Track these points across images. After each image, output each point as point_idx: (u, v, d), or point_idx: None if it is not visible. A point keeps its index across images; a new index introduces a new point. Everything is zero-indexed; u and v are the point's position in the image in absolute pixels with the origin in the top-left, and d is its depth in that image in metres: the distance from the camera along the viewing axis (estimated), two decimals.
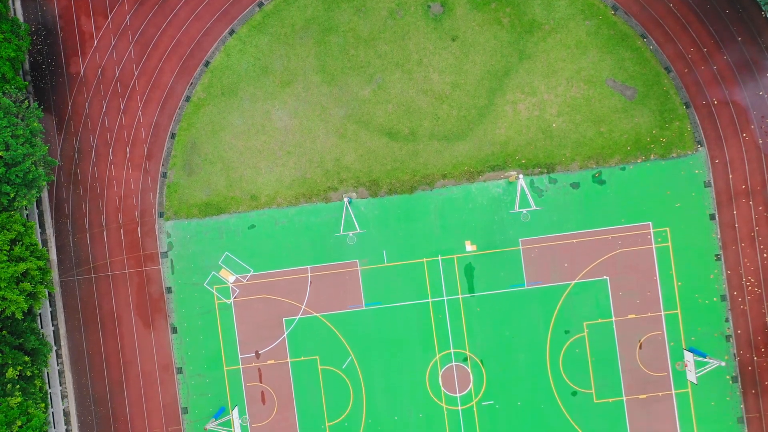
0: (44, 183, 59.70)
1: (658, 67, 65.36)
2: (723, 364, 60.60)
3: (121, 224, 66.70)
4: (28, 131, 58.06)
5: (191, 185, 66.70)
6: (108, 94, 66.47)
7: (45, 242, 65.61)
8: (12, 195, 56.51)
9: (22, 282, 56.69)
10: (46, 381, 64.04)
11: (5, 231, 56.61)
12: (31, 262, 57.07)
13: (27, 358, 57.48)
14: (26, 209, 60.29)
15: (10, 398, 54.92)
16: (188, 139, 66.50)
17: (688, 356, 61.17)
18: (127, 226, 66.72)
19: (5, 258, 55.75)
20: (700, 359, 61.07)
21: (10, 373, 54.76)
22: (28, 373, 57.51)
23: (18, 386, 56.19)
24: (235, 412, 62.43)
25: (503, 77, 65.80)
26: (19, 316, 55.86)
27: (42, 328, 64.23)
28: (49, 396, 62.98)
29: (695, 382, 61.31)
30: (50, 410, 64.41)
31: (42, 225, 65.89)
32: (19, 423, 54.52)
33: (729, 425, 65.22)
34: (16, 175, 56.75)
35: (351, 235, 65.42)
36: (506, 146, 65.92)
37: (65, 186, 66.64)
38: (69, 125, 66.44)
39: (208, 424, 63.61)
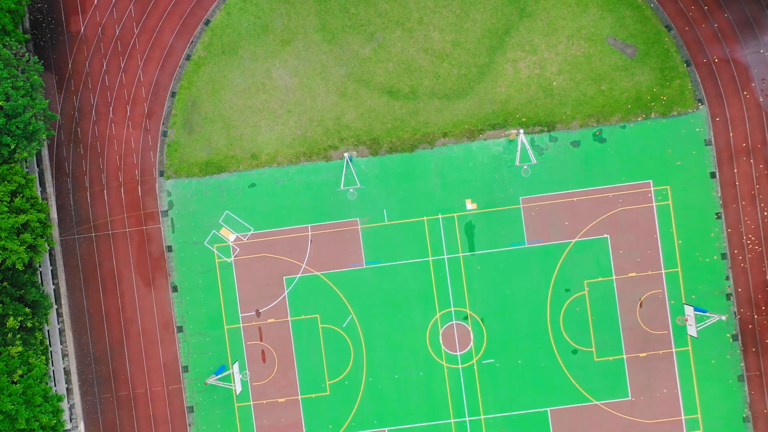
0: (44, 136, 59.66)
1: (658, 25, 65.29)
2: (723, 318, 60.58)
3: (122, 183, 66.69)
4: (28, 84, 58.03)
5: (191, 144, 66.68)
6: (108, 53, 66.43)
7: (45, 201, 65.51)
8: (12, 146, 56.49)
9: (23, 233, 56.64)
10: (47, 336, 64.05)
11: (6, 182, 56.60)
12: (31, 214, 57.05)
13: (28, 310, 57.47)
14: (26, 162, 60.22)
15: (11, 347, 54.92)
16: (188, 97, 66.46)
17: (689, 310, 61.16)
18: (128, 185, 66.71)
19: (5, 209, 55.72)
20: (701, 314, 61.02)
21: (11, 322, 54.74)
22: (29, 325, 57.49)
23: (19, 336, 56.18)
24: (236, 367, 62.44)
25: (504, 35, 65.75)
26: (19, 266, 55.85)
27: (42, 285, 64.21)
28: (49, 352, 62.98)
29: (696, 336, 61.30)
30: (51, 369, 64.44)
31: (42, 184, 65.86)
32: (20, 372, 54.53)
33: (729, 383, 65.22)
34: (17, 127, 56.71)
35: (351, 190, 65.40)
36: (507, 104, 65.88)
37: (65, 145, 66.62)
38: (69, 84, 66.39)
39: (208, 379, 63.61)
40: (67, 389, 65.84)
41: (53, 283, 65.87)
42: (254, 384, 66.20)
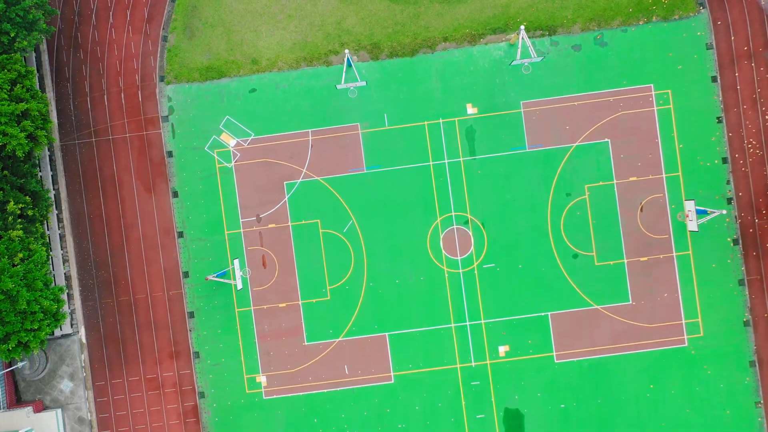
0: (44, 27, 59.47)
1: None
2: (724, 212, 60.54)
3: (122, 88, 66.58)
4: None
5: (192, 49, 66.54)
6: None
7: (45, 95, 64.97)
8: (12, 35, 56.34)
9: (24, 121, 56.51)
10: (47, 231, 63.98)
11: (5, 71, 56.47)
12: (31, 103, 56.95)
13: (28, 199, 57.40)
14: (26, 52, 60.00)
15: (11, 231, 54.83)
16: (189, 2, 66.28)
17: (689, 205, 61.09)
18: (128, 90, 66.61)
19: (6, 96, 55.62)
20: (701, 209, 60.98)
21: (11, 206, 54.64)
22: (30, 213, 57.42)
23: (20, 221, 56.10)
24: (236, 263, 62.41)
25: None
26: (20, 154, 55.78)
27: (42, 181, 63.93)
28: (49, 244, 62.92)
29: (696, 230, 61.22)
30: (51, 273, 64.40)
31: (42, 88, 65.69)
32: (20, 255, 54.49)
33: (730, 287, 65.22)
34: (16, 14, 56.57)
35: (352, 88, 65.27)
36: (508, 8, 65.72)
37: (65, 50, 66.47)
38: None
39: (209, 275, 63.55)
40: (68, 295, 65.83)
41: (53, 189, 65.77)
42: (255, 289, 66.21)
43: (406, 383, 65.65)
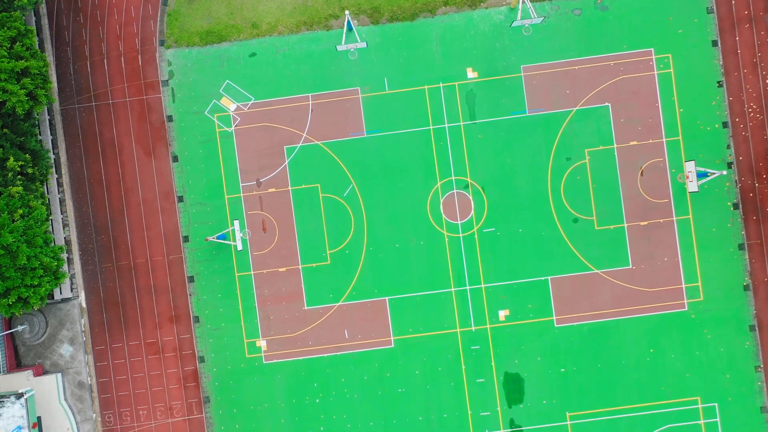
0: None
1: None
2: (724, 173, 60.54)
3: (122, 52, 66.50)
4: None
5: (192, 13, 66.44)
6: None
7: (45, 54, 64.88)
8: None
9: (23, 79, 56.44)
10: (47, 192, 63.90)
11: (5, 29, 56.38)
12: (30, 61, 56.86)
13: (28, 157, 57.34)
14: (25, 11, 59.89)
15: (11, 187, 54.76)
16: None
17: (690, 166, 61.04)
18: (128, 54, 66.52)
19: (5, 54, 55.52)
20: (702, 169, 60.94)
21: (11, 162, 54.58)
22: (29, 171, 57.37)
23: (19, 178, 56.04)
24: (236, 225, 62.34)
25: None
26: (20, 111, 55.73)
27: (41, 138, 63.73)
28: (49, 206, 62.88)
29: (696, 191, 61.15)
30: (51, 232, 64.20)
31: (43, 52, 65.52)
32: (20, 212, 54.44)
33: (730, 251, 65.21)
34: None
35: (353, 49, 65.19)
36: None
37: (65, 14, 66.36)
38: None
39: (209, 237, 63.50)
40: (68, 259, 65.79)
41: (53, 153, 65.72)
42: (255, 254, 66.18)
43: (406, 347, 65.66)
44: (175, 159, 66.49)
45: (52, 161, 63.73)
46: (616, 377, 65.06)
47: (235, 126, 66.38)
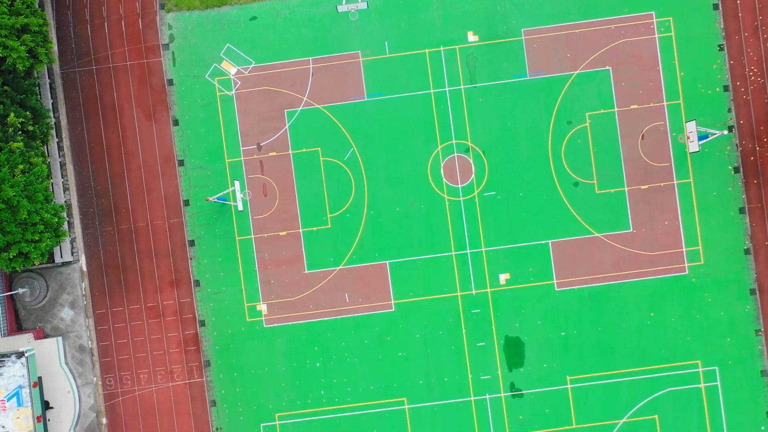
0: None
1: None
2: (725, 132, 60.52)
3: (122, 16, 66.46)
4: None
5: None
6: None
7: (45, 12, 64.60)
8: None
9: (24, 35, 56.40)
10: (47, 153, 63.88)
11: None
12: (30, 18, 56.82)
13: (28, 113, 57.33)
14: None
15: (12, 143, 54.74)
16: None
17: (690, 126, 60.99)
18: (128, 18, 66.47)
19: (5, 10, 55.50)
20: (702, 129, 60.90)
21: (11, 118, 54.54)
22: (30, 128, 57.35)
23: (20, 134, 56.02)
24: (237, 185, 62.32)
25: None
26: (20, 68, 55.71)
27: (41, 98, 63.64)
28: (49, 167, 62.87)
29: (698, 150, 61.11)
30: (52, 189, 64.04)
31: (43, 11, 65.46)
32: (21, 168, 54.45)
33: (730, 215, 65.19)
34: None
35: (353, 10, 65.12)
36: None
37: None
38: None
39: (209, 197, 63.47)
40: (69, 223, 65.77)
41: (54, 117, 65.66)
42: (255, 217, 66.19)
43: (407, 311, 65.69)
44: (176, 123, 66.48)
45: (53, 122, 63.67)
46: (617, 341, 65.09)
47: (236, 90, 66.35)
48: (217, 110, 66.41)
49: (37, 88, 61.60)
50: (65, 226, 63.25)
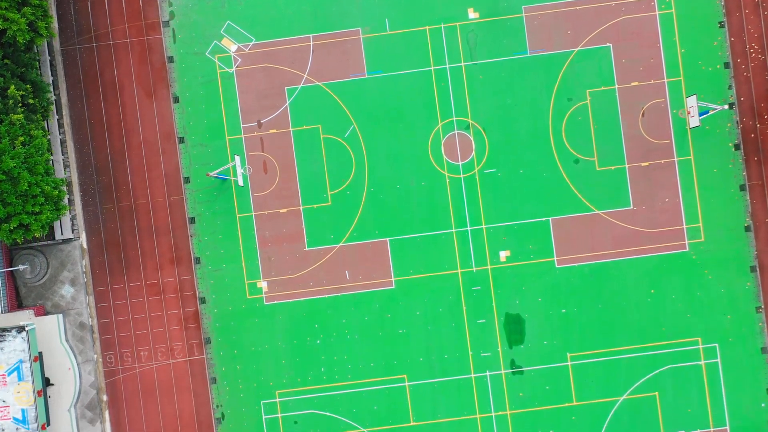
0: None
1: None
2: (725, 107, 60.48)
3: None
4: None
5: None
6: None
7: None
8: None
9: (24, 8, 56.40)
10: (47, 129, 63.84)
11: None
12: None
13: (29, 87, 57.29)
14: None
15: (12, 115, 54.71)
16: None
17: (691, 101, 60.93)
18: None
19: None
20: (703, 104, 60.85)
21: (12, 90, 54.52)
22: (30, 101, 57.32)
23: (20, 106, 55.95)
24: (237, 160, 62.28)
25: None
26: (20, 41, 55.68)
27: (41, 73, 63.64)
28: (49, 141, 62.83)
29: (698, 125, 61.05)
30: (52, 161, 63.99)
31: None
32: (21, 139, 54.43)
33: (731, 192, 65.17)
34: None
35: None
36: None
37: None
38: None
39: (210, 172, 63.44)
40: (69, 200, 65.76)
41: (54, 94, 65.64)
42: (256, 195, 66.18)
43: (407, 288, 65.69)
44: (176, 100, 66.46)
45: (53, 98, 63.66)
46: (617, 318, 65.10)
47: (236, 67, 66.33)
48: (217, 87, 66.40)
49: (38, 62, 61.57)
50: (65, 200, 63.24)
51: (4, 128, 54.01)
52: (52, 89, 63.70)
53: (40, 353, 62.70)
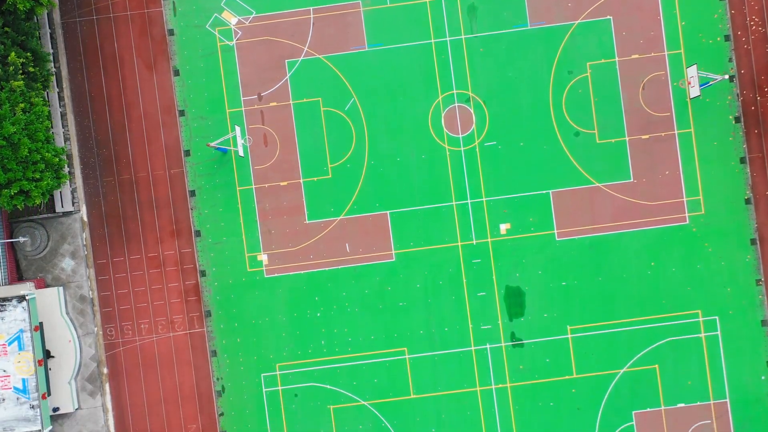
0: None
1: None
2: (726, 77, 60.46)
3: None
4: None
5: None
6: None
7: None
8: None
9: None
10: (47, 98, 63.85)
11: None
12: None
13: (29, 54, 57.29)
14: None
15: (12, 81, 54.74)
16: None
17: (692, 71, 60.90)
18: None
19: None
20: (703, 74, 60.82)
21: (12, 57, 54.51)
22: (31, 70, 57.32)
23: (21, 74, 55.95)
24: (237, 131, 62.27)
25: None
26: (21, 8, 55.67)
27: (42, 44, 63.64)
28: (50, 113, 62.85)
29: (699, 95, 61.02)
30: (52, 131, 63.94)
31: None
32: (22, 106, 54.44)
33: (731, 165, 65.19)
34: None
35: None
36: None
37: None
38: None
39: (211, 143, 63.42)
40: (69, 173, 65.78)
41: (55, 67, 65.63)
42: (256, 168, 66.20)
43: (407, 261, 65.72)
44: (177, 73, 66.45)
45: (53, 69, 63.64)
46: (617, 291, 65.13)
47: (237, 40, 66.32)
48: (217, 60, 66.40)
49: (38, 32, 61.54)
50: (66, 169, 63.26)
51: (4, 95, 54.03)
52: (52, 60, 63.62)
53: (41, 324, 62.73)
